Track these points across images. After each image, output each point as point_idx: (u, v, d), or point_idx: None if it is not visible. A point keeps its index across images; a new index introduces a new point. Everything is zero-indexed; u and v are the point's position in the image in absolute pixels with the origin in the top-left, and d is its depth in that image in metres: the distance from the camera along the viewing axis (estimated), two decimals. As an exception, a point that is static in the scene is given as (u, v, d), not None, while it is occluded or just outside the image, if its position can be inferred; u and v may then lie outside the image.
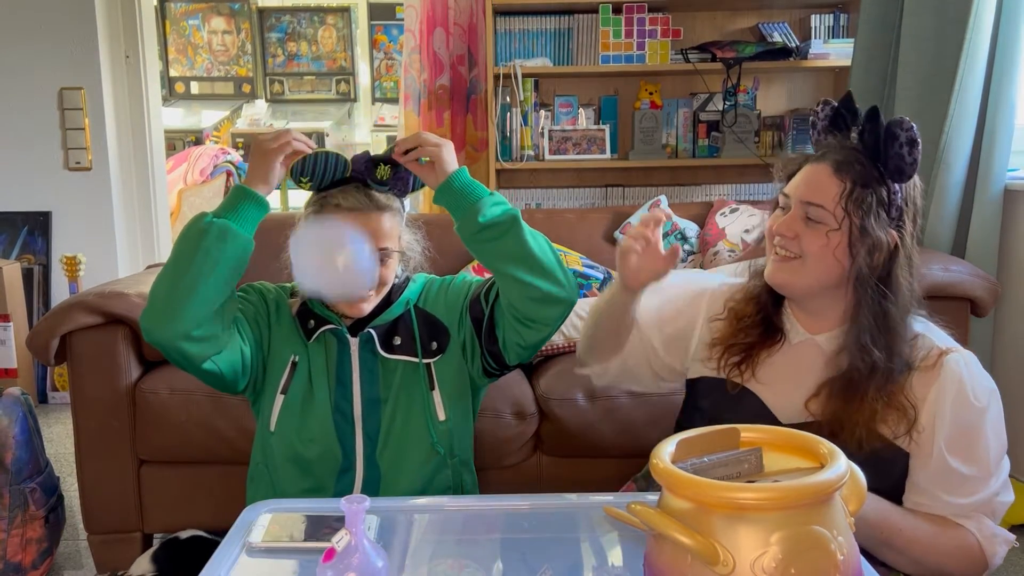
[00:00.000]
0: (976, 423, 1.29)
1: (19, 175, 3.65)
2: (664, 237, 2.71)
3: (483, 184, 1.47)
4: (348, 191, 1.48)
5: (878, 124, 1.30)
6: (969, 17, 2.30)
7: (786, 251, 1.35)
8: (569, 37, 3.43)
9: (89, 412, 2.04)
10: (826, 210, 1.31)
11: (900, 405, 1.30)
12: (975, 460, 1.29)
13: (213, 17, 6.12)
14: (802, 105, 3.52)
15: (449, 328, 1.56)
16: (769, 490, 0.83)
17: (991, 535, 1.30)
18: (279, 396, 1.52)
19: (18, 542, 2.04)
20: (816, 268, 1.33)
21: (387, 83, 6.18)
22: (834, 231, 1.30)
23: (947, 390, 1.29)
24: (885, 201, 1.30)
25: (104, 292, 2.04)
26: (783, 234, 1.35)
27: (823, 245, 1.31)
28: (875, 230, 1.29)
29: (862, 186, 1.30)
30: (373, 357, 1.53)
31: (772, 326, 1.43)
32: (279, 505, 1.35)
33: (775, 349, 1.42)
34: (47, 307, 3.70)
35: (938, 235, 2.45)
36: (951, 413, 1.28)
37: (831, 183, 1.31)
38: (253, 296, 1.58)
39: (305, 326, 1.55)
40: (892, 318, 1.31)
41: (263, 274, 2.57)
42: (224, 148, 5.45)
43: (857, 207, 1.29)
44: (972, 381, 1.30)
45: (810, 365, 1.38)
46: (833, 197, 1.30)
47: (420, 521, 1.32)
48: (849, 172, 1.30)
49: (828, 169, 1.32)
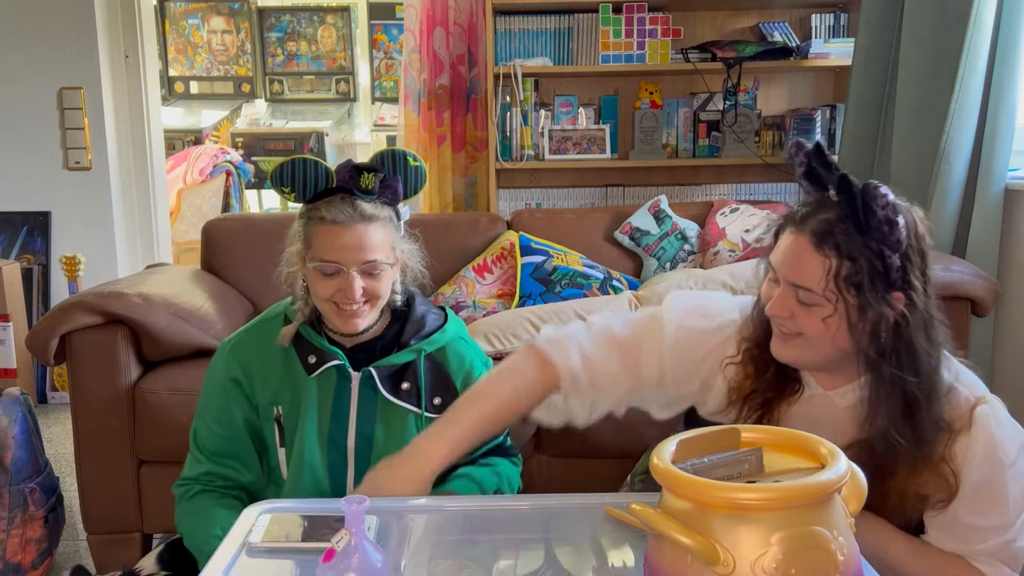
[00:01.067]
0: (1000, 478, 1.20)
1: (19, 175, 3.65)
2: (664, 237, 2.73)
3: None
4: (333, 202, 1.44)
5: (852, 196, 1.15)
6: (969, 17, 2.30)
7: (786, 329, 1.24)
8: (569, 37, 3.43)
9: (89, 412, 2.04)
10: (815, 293, 1.18)
11: (940, 473, 1.20)
12: (996, 513, 1.22)
13: (213, 17, 6.11)
14: (802, 105, 3.52)
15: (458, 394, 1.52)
16: (769, 490, 0.83)
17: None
18: (280, 451, 1.52)
19: (18, 542, 2.04)
20: (820, 347, 1.22)
21: (387, 83, 6.17)
22: (830, 317, 1.18)
23: (977, 445, 1.20)
24: (879, 269, 1.16)
25: (104, 292, 2.04)
26: (777, 315, 1.23)
27: (821, 329, 1.19)
28: (874, 305, 1.16)
29: (849, 260, 1.15)
30: (373, 394, 1.50)
31: (788, 376, 1.32)
32: (279, 505, 1.34)
33: (795, 400, 1.32)
34: (47, 307, 3.70)
35: (938, 235, 2.45)
36: (977, 471, 1.20)
37: (814, 261, 1.17)
38: (238, 413, 1.51)
39: (305, 360, 1.50)
40: (911, 394, 1.18)
41: (262, 275, 2.57)
42: (224, 148, 5.45)
43: (848, 285, 1.16)
44: (1002, 435, 1.21)
45: (827, 420, 1.28)
46: (819, 279, 1.17)
47: (420, 521, 1.32)
48: (831, 246, 1.16)
49: (808, 244, 1.18)
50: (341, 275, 1.44)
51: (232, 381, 1.52)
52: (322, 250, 1.44)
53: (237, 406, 1.52)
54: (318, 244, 1.45)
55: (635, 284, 2.64)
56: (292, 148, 5.91)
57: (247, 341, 1.55)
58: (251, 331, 1.57)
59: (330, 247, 1.43)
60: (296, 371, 1.50)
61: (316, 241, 1.45)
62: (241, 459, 1.53)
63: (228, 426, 1.52)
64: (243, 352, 1.53)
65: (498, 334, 2.28)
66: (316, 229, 1.45)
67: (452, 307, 2.49)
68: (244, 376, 1.52)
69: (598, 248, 2.73)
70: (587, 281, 2.51)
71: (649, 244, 2.71)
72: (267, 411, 1.51)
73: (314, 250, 1.45)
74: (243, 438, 1.52)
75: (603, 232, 2.76)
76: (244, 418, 1.52)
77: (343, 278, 1.44)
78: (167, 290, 2.15)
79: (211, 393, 1.54)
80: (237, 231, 2.64)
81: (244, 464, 1.52)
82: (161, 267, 2.66)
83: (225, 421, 1.52)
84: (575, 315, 2.29)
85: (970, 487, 1.20)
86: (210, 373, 1.56)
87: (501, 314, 2.38)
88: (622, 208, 2.87)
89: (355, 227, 1.43)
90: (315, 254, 1.45)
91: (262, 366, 1.52)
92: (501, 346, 2.27)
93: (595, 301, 2.38)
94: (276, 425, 1.51)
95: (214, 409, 1.53)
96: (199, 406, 1.55)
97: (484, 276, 2.58)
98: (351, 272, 1.43)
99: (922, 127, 2.47)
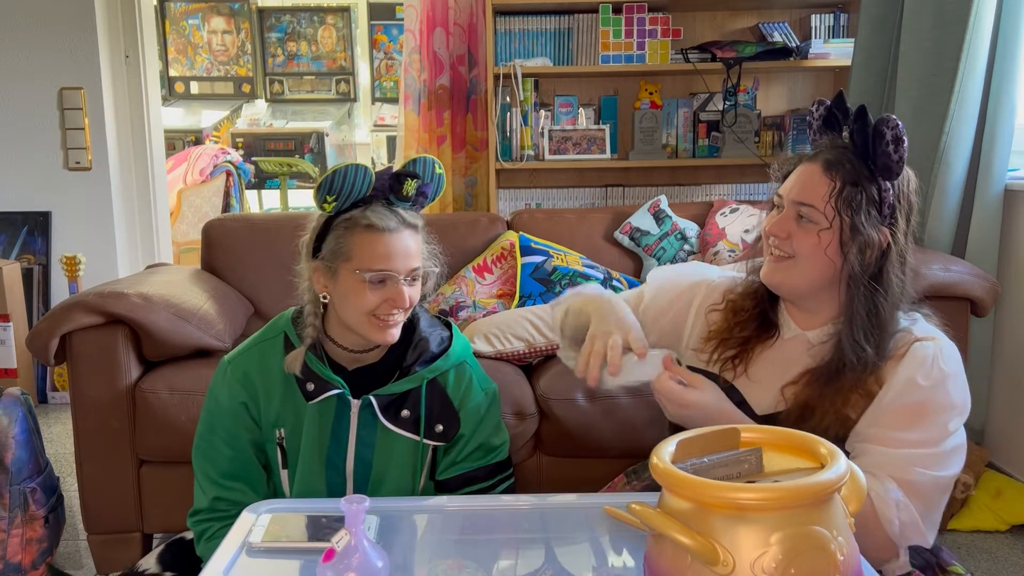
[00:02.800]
0: (915, 396, 1.28)
1: (19, 175, 3.65)
2: (664, 237, 2.73)
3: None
4: (377, 210, 1.40)
5: (866, 123, 1.31)
6: (969, 17, 2.30)
7: (780, 251, 1.36)
8: (569, 37, 3.43)
9: (89, 412, 2.04)
10: (816, 209, 1.32)
11: (868, 392, 1.31)
12: (914, 430, 1.27)
13: (213, 17, 6.12)
14: (802, 105, 3.52)
15: (462, 425, 1.52)
16: (769, 490, 0.83)
17: (890, 500, 1.25)
18: (283, 472, 1.51)
19: (18, 542, 2.04)
20: (809, 268, 1.34)
21: (387, 83, 6.18)
22: (825, 230, 1.31)
23: (904, 369, 1.29)
24: (876, 199, 1.31)
25: (104, 292, 2.04)
26: (776, 234, 1.36)
27: (815, 244, 1.32)
28: (866, 228, 1.30)
29: (852, 184, 1.30)
30: (373, 420, 1.48)
31: (768, 321, 1.44)
32: (279, 505, 1.34)
33: (768, 344, 1.43)
34: (47, 307, 3.70)
35: (938, 235, 2.45)
36: (896, 387, 1.29)
37: (821, 182, 1.32)
38: (245, 436, 1.50)
39: (304, 387, 1.46)
40: (883, 314, 1.32)
41: (263, 275, 2.57)
42: (224, 148, 5.45)
43: (847, 206, 1.30)
44: (930, 363, 1.29)
45: (796, 358, 1.39)
46: (823, 196, 1.31)
47: (420, 521, 1.32)
48: (839, 171, 1.31)
49: (819, 169, 1.33)
50: (390, 283, 1.39)
51: (240, 405, 1.49)
52: (371, 259, 1.38)
53: (244, 430, 1.50)
54: (365, 253, 1.38)
55: (635, 284, 2.64)
56: (292, 148, 5.92)
57: (250, 363, 1.50)
58: (252, 352, 1.52)
59: (381, 255, 1.38)
60: (296, 394, 1.47)
61: (362, 250, 1.39)
62: (248, 480, 1.50)
63: (236, 448, 1.50)
64: (247, 375, 1.49)
65: (498, 334, 2.28)
66: (362, 238, 1.39)
67: (452, 307, 2.49)
68: (251, 400, 1.49)
69: (598, 248, 2.73)
70: (587, 281, 2.52)
71: (649, 244, 2.72)
72: (270, 433, 1.50)
73: (359, 260, 1.39)
74: (251, 460, 1.51)
75: (603, 232, 2.76)
76: (251, 440, 1.51)
77: (392, 287, 1.39)
78: (167, 290, 2.15)
79: (217, 415, 1.50)
80: (237, 231, 2.64)
81: (251, 486, 1.50)
82: (161, 267, 2.66)
83: (233, 443, 1.50)
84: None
85: (886, 401, 1.29)
86: (214, 394, 1.52)
87: (501, 314, 2.38)
88: (622, 208, 2.87)
89: (402, 233, 1.40)
90: (361, 264, 1.39)
91: (266, 390, 1.49)
92: (501, 346, 2.27)
93: (595, 301, 2.38)
94: (279, 448, 1.50)
95: (222, 431, 1.49)
96: (202, 426, 1.52)
97: (484, 276, 2.58)
98: (400, 280, 1.39)
99: (922, 127, 2.47)
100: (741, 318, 1.45)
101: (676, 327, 1.55)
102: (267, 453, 1.53)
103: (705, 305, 1.51)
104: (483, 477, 1.55)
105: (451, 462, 1.53)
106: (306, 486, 1.49)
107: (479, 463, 1.54)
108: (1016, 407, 2.38)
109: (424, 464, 1.52)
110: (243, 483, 1.50)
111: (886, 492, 1.25)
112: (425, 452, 1.51)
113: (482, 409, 1.53)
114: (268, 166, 5.75)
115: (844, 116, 1.37)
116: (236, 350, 1.54)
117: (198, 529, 1.52)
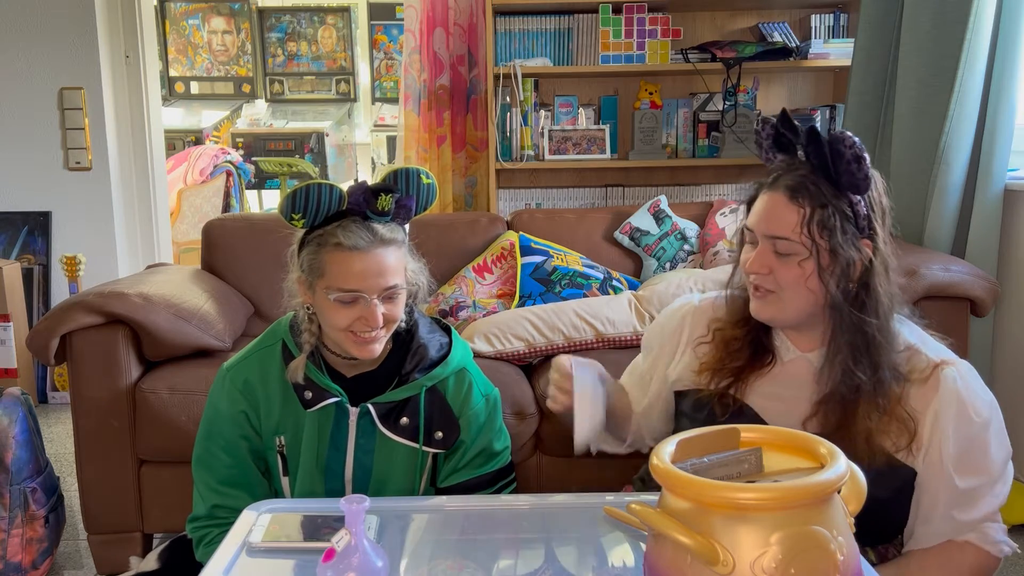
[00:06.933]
0: (980, 437, 1.28)
1: (19, 175, 3.65)
2: (664, 237, 2.73)
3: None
4: (348, 227, 1.36)
5: (820, 144, 1.26)
6: (969, 17, 2.30)
7: (764, 286, 1.33)
8: (569, 37, 3.43)
9: (89, 412, 2.04)
10: (791, 241, 1.28)
11: (899, 417, 1.28)
12: (982, 472, 1.29)
13: (213, 17, 6.12)
14: (802, 105, 3.52)
15: (462, 432, 1.51)
16: (769, 490, 0.83)
17: (993, 541, 1.30)
18: (284, 479, 1.51)
19: (18, 542, 2.04)
20: (797, 297, 1.31)
21: (387, 83, 6.18)
22: (806, 260, 1.28)
23: (947, 409, 1.27)
24: (848, 214, 1.27)
25: (104, 292, 2.04)
26: (757, 271, 1.32)
27: (798, 276, 1.29)
28: (846, 248, 1.27)
29: (821, 207, 1.26)
30: (372, 428, 1.47)
31: (762, 347, 1.41)
32: (279, 505, 1.34)
33: (765, 371, 1.40)
34: (47, 307, 3.70)
35: (938, 235, 2.45)
36: (954, 434, 1.27)
37: (788, 211, 1.28)
38: (245, 445, 1.50)
39: (301, 395, 1.45)
40: (871, 335, 1.29)
41: (263, 275, 2.57)
42: (224, 148, 5.45)
43: (821, 230, 1.26)
44: (971, 396, 1.28)
45: (802, 383, 1.36)
46: (794, 226, 1.27)
47: (420, 521, 1.32)
48: (804, 196, 1.27)
49: (783, 198, 1.29)
50: (361, 303, 1.37)
51: (240, 414, 1.48)
52: (340, 278, 1.36)
53: (244, 438, 1.49)
54: (335, 272, 1.37)
55: (635, 284, 2.64)
56: (292, 148, 5.92)
57: (249, 371, 1.49)
58: (251, 360, 1.50)
59: (349, 275, 1.36)
60: (296, 402, 1.47)
61: (332, 269, 1.37)
62: (247, 488, 1.50)
63: (235, 456, 1.49)
64: (247, 383, 1.49)
65: (498, 334, 2.28)
66: (331, 256, 1.36)
67: (452, 307, 2.49)
68: (251, 409, 1.48)
69: (598, 248, 2.73)
70: (587, 281, 2.51)
71: (649, 244, 2.72)
72: (271, 441, 1.50)
73: (329, 278, 1.37)
74: (250, 467, 1.50)
75: (603, 232, 2.77)
76: (252, 449, 1.50)
77: (364, 306, 1.37)
78: (168, 290, 2.15)
79: (216, 423, 1.50)
80: (237, 231, 2.64)
81: (250, 493, 1.49)
82: (161, 267, 2.66)
83: (232, 451, 1.49)
84: (575, 315, 2.30)
85: (955, 449, 1.27)
86: (213, 402, 1.51)
87: (501, 314, 2.38)
88: (622, 208, 2.87)
89: (374, 252, 1.36)
90: (331, 283, 1.37)
91: (266, 398, 1.48)
92: (501, 346, 2.27)
93: (595, 301, 2.38)
94: (279, 456, 1.49)
95: (221, 439, 1.49)
96: (202, 433, 1.51)
97: (484, 276, 2.58)
98: (372, 299, 1.37)
99: (921, 127, 2.47)
100: (733, 347, 1.41)
101: (668, 355, 1.53)
102: (268, 461, 1.52)
103: (693, 339, 1.48)
104: (485, 485, 1.54)
105: (452, 469, 1.53)
106: (306, 494, 1.49)
107: (480, 470, 1.53)
108: (1016, 407, 2.38)
109: (424, 471, 1.51)
110: (242, 490, 1.49)
111: (990, 537, 1.30)
112: (425, 459, 1.50)
113: (482, 415, 1.53)
114: (268, 166, 5.75)
115: (794, 134, 1.32)
116: (235, 358, 1.53)
117: (197, 535, 1.52)
